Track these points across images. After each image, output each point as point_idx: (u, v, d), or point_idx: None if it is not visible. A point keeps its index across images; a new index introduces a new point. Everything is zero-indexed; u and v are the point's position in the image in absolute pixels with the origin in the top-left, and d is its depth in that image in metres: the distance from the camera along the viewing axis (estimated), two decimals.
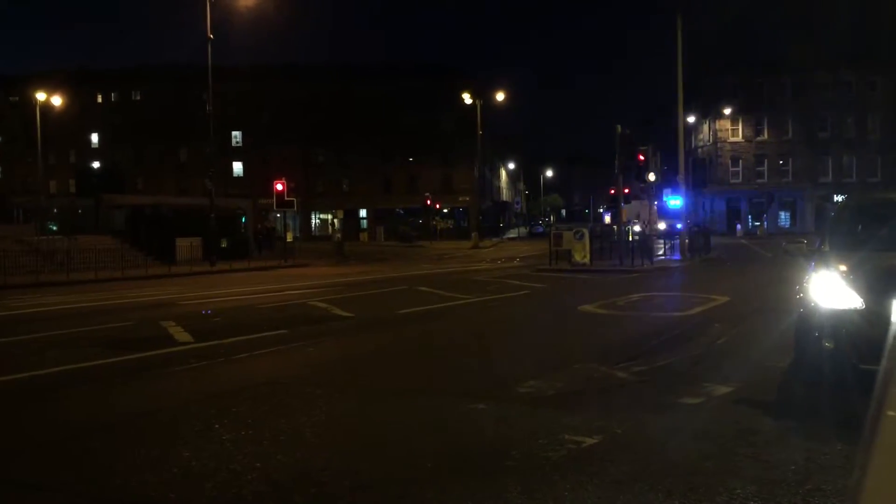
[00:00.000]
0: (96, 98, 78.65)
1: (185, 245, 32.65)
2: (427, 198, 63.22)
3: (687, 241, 31.30)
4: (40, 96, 50.33)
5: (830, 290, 6.57)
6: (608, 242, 30.29)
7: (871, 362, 5.65)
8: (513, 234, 78.11)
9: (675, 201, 36.72)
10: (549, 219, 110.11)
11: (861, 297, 6.33)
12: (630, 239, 28.79)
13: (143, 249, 31.25)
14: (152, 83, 74.65)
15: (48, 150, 60.81)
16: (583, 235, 26.86)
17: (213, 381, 8.29)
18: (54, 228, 35.65)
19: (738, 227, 65.26)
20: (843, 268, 6.75)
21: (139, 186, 69.36)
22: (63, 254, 28.03)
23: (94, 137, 79.38)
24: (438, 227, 67.74)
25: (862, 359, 5.93)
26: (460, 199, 72.90)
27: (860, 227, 8.34)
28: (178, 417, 6.54)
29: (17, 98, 71.14)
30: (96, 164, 66.82)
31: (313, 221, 76.81)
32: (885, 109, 65.01)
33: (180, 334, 11.51)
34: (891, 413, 1.23)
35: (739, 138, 69.11)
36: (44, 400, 7.58)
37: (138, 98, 78.35)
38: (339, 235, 45.74)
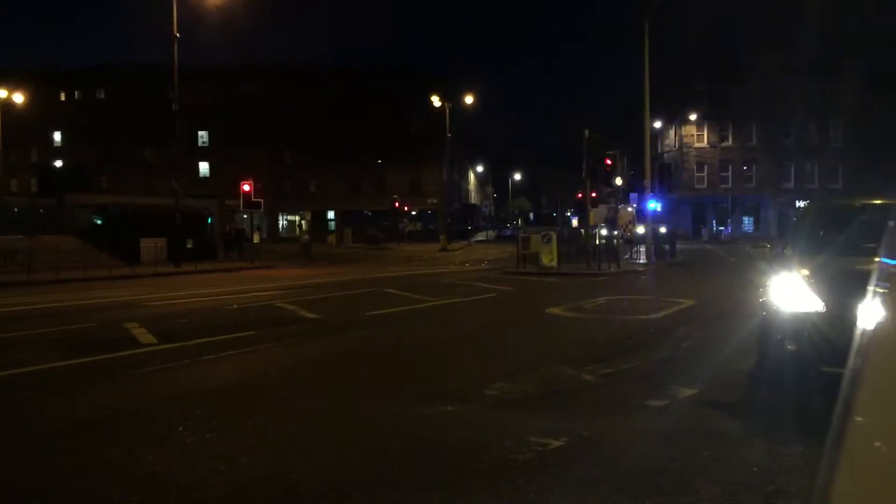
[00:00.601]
0: (59, 96, 77.41)
1: (150, 245, 32.20)
2: (395, 200, 63.13)
3: (653, 245, 31.59)
4: (1, 93, 49.37)
5: (793, 293, 6.67)
6: (575, 246, 30.48)
7: (833, 365, 5.74)
8: (481, 237, 78.27)
9: (653, 204, 37.76)
10: (518, 222, 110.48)
11: (823, 301, 6.43)
12: (597, 243, 29.00)
13: (107, 250, 30.76)
14: (117, 82, 73.65)
15: (9, 148, 59.64)
16: (550, 239, 26.98)
17: (177, 383, 8.18)
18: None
19: (704, 231, 66.15)
20: (805, 272, 6.85)
21: (104, 186, 68.29)
22: (24, 253, 27.51)
23: (57, 136, 78.14)
24: (406, 230, 67.64)
25: (824, 361, 6.01)
26: (429, 201, 72.88)
27: (822, 231, 8.48)
28: (142, 420, 6.45)
29: None
30: (59, 163, 65.69)
31: (280, 223, 76.33)
32: (847, 118, 66.24)
33: (144, 336, 11.35)
34: (859, 418, 1.24)
35: (705, 144, 69.98)
36: (1, 403, 7.43)
37: (103, 97, 77.24)
38: (306, 237, 45.45)
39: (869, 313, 1.50)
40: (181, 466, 5.10)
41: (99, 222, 35.03)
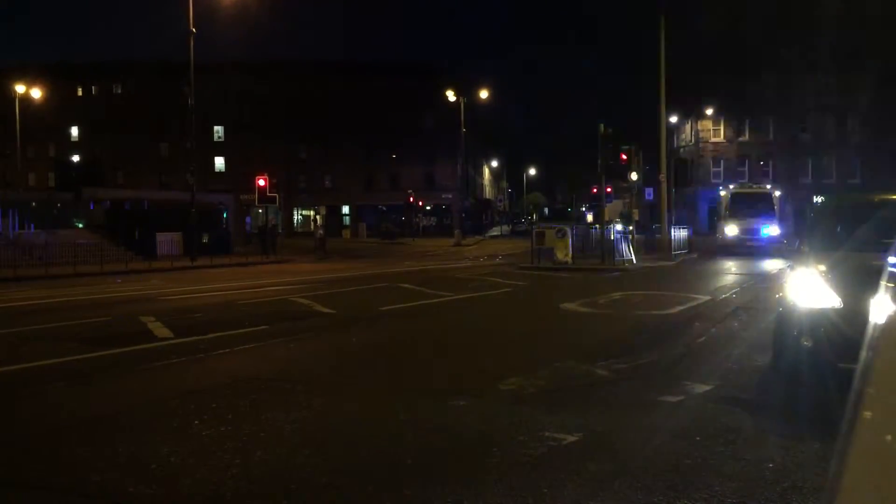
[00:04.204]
0: (76, 91, 77.98)
1: (166, 240, 32.46)
2: (410, 195, 63.18)
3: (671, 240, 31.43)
4: (19, 89, 49.77)
5: (809, 289, 6.63)
6: (590, 241, 30.35)
7: (848, 361, 5.70)
8: (495, 231, 78.20)
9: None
10: (532, 217, 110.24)
11: (839, 297, 6.39)
12: (612, 238, 28.87)
13: (123, 244, 31.00)
14: (133, 77, 74.09)
15: (27, 142, 60.18)
16: (565, 234, 26.89)
17: (192, 377, 8.23)
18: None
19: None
20: (821, 267, 6.81)
21: (119, 181, 68.75)
22: (42, 248, 27.76)
23: (74, 131, 78.74)
24: (421, 225, 67.72)
25: (840, 357, 5.98)
26: (443, 196, 72.91)
27: (838, 227, 8.43)
28: (157, 413, 6.49)
29: None
30: (76, 158, 66.19)
31: (295, 217, 76.60)
32: (865, 112, 65.59)
33: (160, 330, 11.42)
34: (867, 414, 1.23)
35: (721, 139, 69.55)
36: (19, 395, 7.50)
37: (119, 91, 77.75)
38: (321, 232, 45.56)
39: (880, 308, 1.50)
40: (196, 459, 5.14)
41: (115, 217, 35.30)
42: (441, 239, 59.16)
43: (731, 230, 32.92)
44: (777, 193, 35.75)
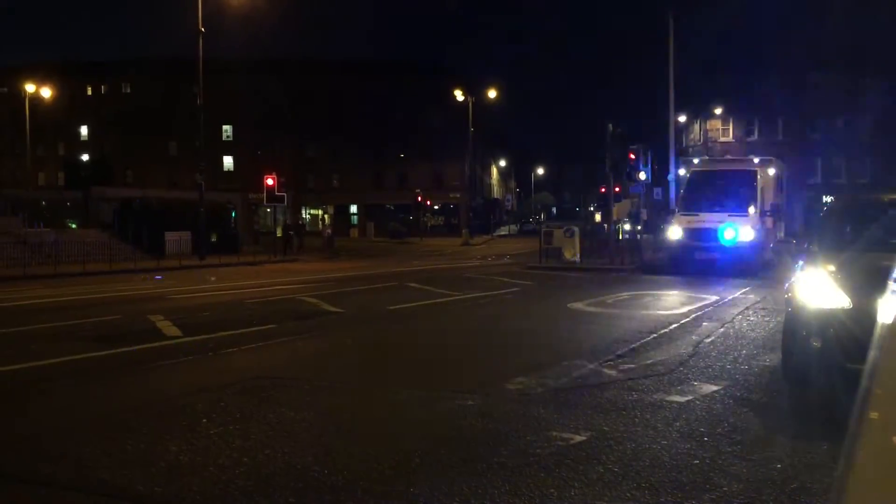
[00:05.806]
0: (86, 90, 78.33)
1: (175, 239, 32.54)
2: (418, 194, 63.20)
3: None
4: (29, 88, 50.01)
5: (818, 289, 6.60)
6: (598, 241, 30.33)
7: (857, 362, 5.68)
8: (503, 231, 78.18)
9: None
10: (540, 216, 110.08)
11: (848, 297, 6.36)
12: (620, 237, 28.86)
13: (132, 243, 31.10)
14: (142, 75, 74.32)
15: (37, 142, 60.45)
16: (573, 233, 26.89)
17: (200, 375, 8.26)
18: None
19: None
20: (830, 267, 6.79)
21: (128, 179, 69.03)
22: (51, 246, 27.89)
23: (84, 130, 79.05)
24: (429, 224, 67.74)
25: (849, 358, 5.96)
26: (451, 195, 72.89)
27: (848, 227, 8.39)
28: (166, 412, 6.51)
29: (5, 89, 70.70)
30: (85, 157, 66.45)
31: (304, 216, 76.71)
32: (876, 111, 65.26)
33: (169, 328, 11.46)
34: (874, 415, 1.23)
35: (730, 138, 69.31)
36: (27, 394, 7.53)
37: (128, 90, 78.06)
38: (329, 231, 45.67)
39: (888, 309, 1.50)
40: (204, 458, 5.15)
41: (124, 215, 35.45)
42: (449, 238, 59.16)
43: (675, 232, 22.25)
44: (772, 171, 23.83)
